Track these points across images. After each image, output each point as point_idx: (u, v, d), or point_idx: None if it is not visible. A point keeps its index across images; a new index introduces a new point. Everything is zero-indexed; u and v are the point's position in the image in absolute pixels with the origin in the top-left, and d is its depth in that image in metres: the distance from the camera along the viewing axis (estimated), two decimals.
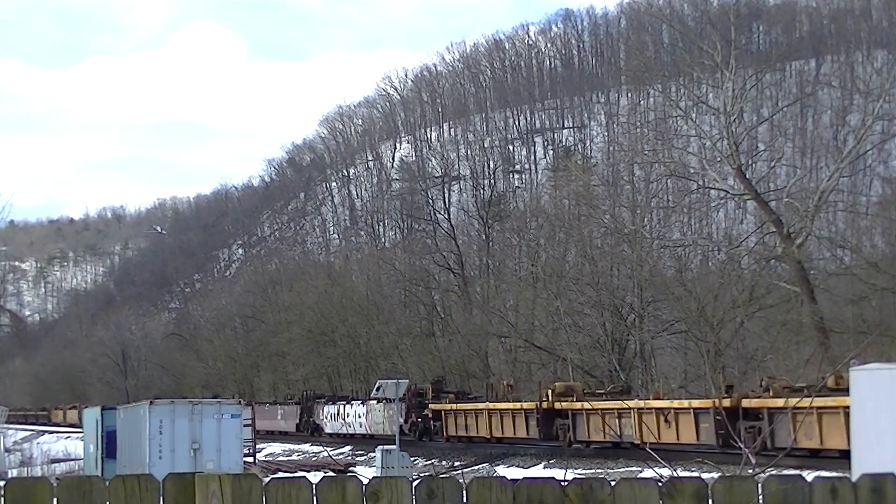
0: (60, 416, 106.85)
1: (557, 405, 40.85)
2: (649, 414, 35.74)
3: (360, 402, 57.01)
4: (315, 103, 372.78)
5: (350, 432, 56.22)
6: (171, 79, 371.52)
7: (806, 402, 26.37)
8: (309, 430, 60.88)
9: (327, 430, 59.10)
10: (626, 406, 36.45)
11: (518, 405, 43.89)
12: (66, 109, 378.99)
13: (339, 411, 57.73)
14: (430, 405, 50.55)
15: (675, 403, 35.36)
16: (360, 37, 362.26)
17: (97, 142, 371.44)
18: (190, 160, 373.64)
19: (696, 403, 34.30)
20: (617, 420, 37.37)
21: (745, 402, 32.23)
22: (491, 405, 45.68)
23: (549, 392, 41.67)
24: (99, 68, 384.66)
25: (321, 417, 60.10)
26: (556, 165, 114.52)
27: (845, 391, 34.79)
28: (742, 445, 7.79)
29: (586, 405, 38.80)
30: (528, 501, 4.53)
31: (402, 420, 48.47)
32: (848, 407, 34.90)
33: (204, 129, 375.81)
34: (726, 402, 32.15)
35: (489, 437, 45.22)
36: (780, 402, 30.36)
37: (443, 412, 48.85)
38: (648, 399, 37.08)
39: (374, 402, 52.53)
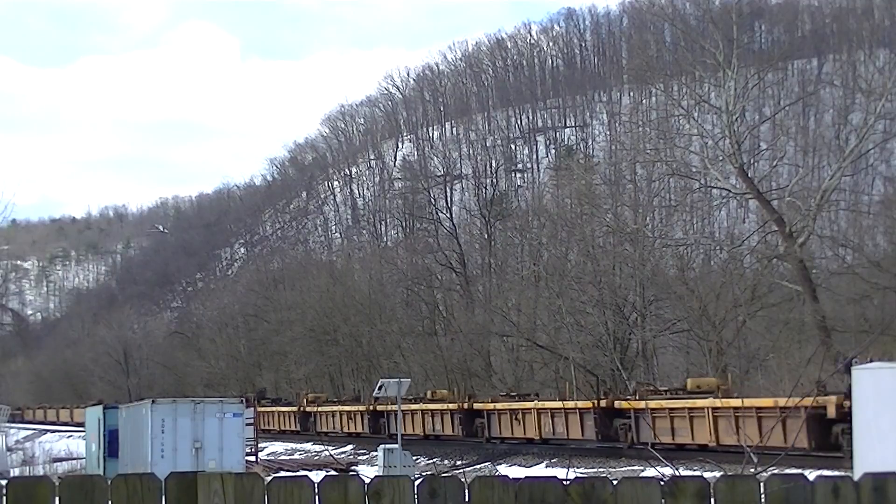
0: (31, 415, 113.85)
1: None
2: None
3: None
4: (316, 102, 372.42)
5: None
6: (166, 78, 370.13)
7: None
8: None
9: None
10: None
11: (286, 409, 67.23)
12: (62, 108, 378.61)
13: None
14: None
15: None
16: (354, 36, 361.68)
17: (95, 141, 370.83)
18: (191, 159, 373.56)
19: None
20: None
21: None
22: (282, 408, 68.17)
23: (305, 399, 64.39)
24: (93, 68, 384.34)
25: None
26: (558, 164, 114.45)
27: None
28: (744, 445, 7.79)
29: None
30: (530, 500, 4.53)
31: None
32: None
33: (202, 129, 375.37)
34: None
35: (279, 430, 66.20)
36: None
37: (262, 414, 66.56)
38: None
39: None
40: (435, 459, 43.25)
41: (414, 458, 39.09)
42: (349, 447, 54.25)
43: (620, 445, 38.93)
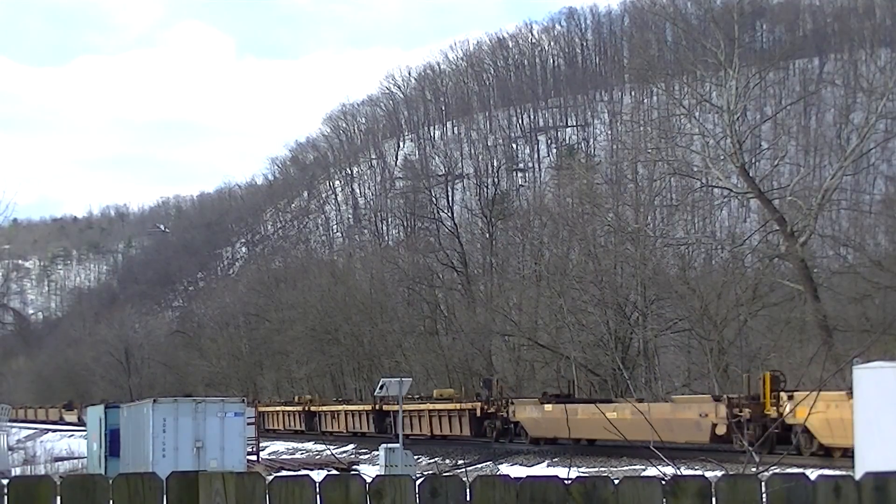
0: (14, 414, 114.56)
1: None
2: None
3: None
4: (318, 102, 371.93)
5: None
6: (163, 77, 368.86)
7: None
8: None
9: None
10: None
11: None
12: (60, 107, 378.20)
13: None
14: None
15: (449, 406, 50.32)
16: (350, 36, 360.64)
17: (95, 140, 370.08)
18: (192, 159, 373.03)
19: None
20: None
21: None
22: None
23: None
24: (90, 67, 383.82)
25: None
26: (559, 164, 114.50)
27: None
28: (745, 443, 7.77)
29: None
30: (531, 500, 4.52)
31: None
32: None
33: (201, 128, 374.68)
34: None
35: None
36: None
37: None
38: None
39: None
40: (437, 459, 43.28)
41: (416, 457, 39.10)
42: (350, 446, 54.45)
43: (389, 435, 49.14)
